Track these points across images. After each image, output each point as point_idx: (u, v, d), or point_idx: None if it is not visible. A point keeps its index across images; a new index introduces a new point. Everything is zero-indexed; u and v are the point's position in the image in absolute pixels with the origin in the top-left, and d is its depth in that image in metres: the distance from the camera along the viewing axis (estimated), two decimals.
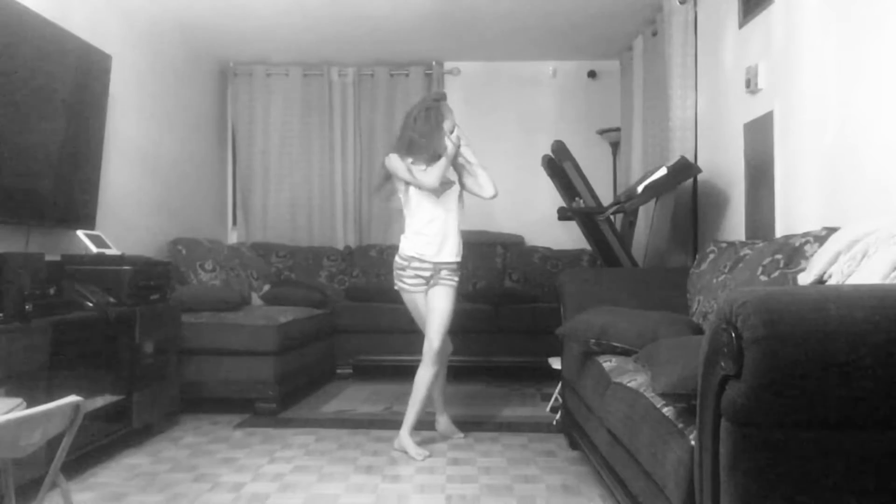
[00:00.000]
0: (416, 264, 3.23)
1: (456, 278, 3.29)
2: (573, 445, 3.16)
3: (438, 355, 3.23)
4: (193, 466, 2.97)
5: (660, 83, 4.36)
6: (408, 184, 3.24)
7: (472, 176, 3.35)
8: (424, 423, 3.32)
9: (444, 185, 3.25)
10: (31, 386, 2.49)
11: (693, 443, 1.47)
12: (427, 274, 3.24)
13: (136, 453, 3.16)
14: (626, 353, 2.46)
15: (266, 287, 4.95)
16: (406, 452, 3.12)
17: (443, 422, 3.44)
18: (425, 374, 3.21)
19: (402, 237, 3.31)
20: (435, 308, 3.23)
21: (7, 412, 1.71)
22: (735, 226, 3.54)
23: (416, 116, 3.28)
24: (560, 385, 3.48)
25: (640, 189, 3.75)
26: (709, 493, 1.33)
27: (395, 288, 3.34)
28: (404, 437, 3.17)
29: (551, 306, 3.96)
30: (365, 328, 4.91)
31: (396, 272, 3.30)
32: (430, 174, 3.19)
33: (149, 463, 3.03)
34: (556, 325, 3.00)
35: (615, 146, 5.50)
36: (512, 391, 4.49)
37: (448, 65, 5.79)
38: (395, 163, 3.24)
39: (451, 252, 3.26)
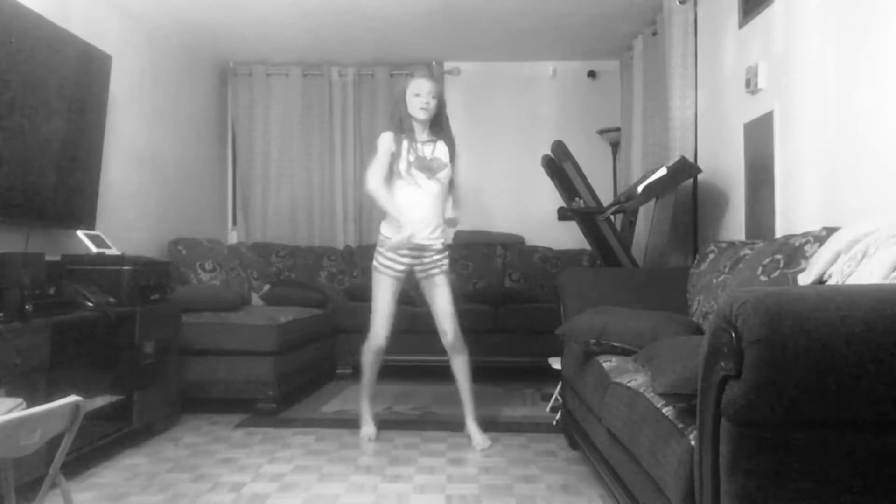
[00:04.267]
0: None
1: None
2: (573, 445, 3.16)
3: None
4: (193, 466, 2.97)
5: (660, 83, 4.36)
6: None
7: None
8: (425, 424, 3.31)
9: (433, 168, 3.27)
10: (31, 386, 2.49)
11: (693, 443, 1.47)
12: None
13: (136, 453, 3.16)
14: (626, 353, 2.46)
15: (266, 287, 4.95)
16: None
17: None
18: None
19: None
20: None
21: (7, 412, 1.71)
22: (735, 226, 3.54)
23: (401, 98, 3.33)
24: (560, 385, 3.48)
25: (640, 189, 3.75)
26: (709, 493, 1.33)
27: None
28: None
29: (551, 306, 3.95)
30: (365, 328, 4.88)
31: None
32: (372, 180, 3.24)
33: (149, 463, 3.03)
34: (556, 325, 3.00)
35: (615, 146, 5.50)
36: (512, 391, 4.49)
37: (448, 65, 5.79)
38: (383, 141, 3.27)
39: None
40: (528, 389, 4.52)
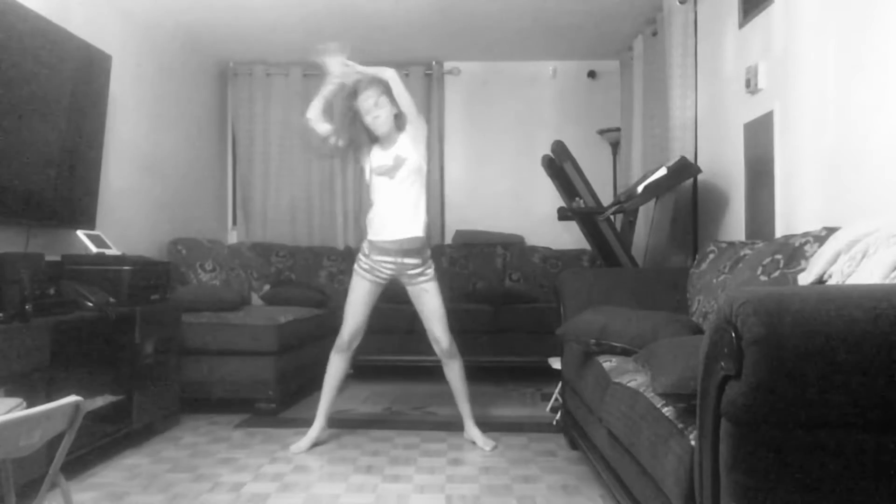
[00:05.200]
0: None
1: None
2: (573, 445, 3.16)
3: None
4: (193, 466, 2.97)
5: (660, 83, 4.36)
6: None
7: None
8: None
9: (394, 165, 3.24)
10: (31, 386, 2.49)
11: (693, 443, 1.47)
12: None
13: (136, 453, 3.16)
14: (626, 353, 2.46)
15: (266, 287, 4.95)
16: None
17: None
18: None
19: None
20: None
21: (7, 412, 1.71)
22: (735, 226, 3.54)
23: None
24: (560, 385, 3.48)
25: (640, 189, 3.75)
26: (709, 493, 1.33)
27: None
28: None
29: (551, 306, 3.95)
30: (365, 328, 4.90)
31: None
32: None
33: (149, 463, 3.03)
34: (556, 325, 3.00)
35: (615, 146, 5.50)
36: (512, 391, 4.49)
37: (448, 65, 5.79)
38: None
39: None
40: (528, 389, 4.52)
